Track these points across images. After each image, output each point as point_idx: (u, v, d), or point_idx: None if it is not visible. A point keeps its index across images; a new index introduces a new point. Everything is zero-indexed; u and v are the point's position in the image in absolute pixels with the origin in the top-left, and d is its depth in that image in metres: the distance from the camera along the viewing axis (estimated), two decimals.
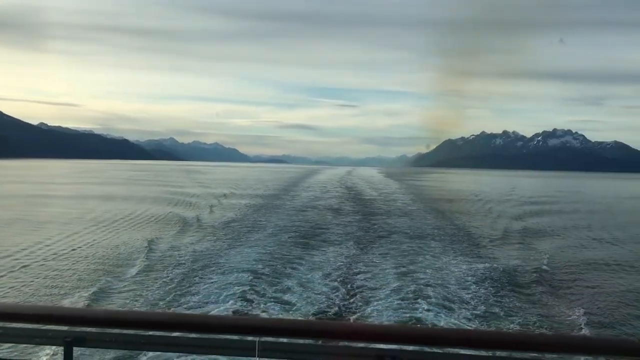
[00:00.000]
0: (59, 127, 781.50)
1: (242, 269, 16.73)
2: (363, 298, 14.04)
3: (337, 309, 12.99)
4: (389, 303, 13.34)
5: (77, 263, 17.60)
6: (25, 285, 14.58)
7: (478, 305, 13.55)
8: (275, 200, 45.79)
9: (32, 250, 19.51)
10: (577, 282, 17.17)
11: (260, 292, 14.09)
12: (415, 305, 13.05)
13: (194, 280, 15.36)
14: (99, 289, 14.22)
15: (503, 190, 76.84)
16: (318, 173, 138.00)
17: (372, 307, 13.15)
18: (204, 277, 15.81)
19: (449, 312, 12.73)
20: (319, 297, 14.02)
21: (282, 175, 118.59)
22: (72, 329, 2.91)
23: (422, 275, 16.54)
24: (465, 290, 14.98)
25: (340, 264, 18.55)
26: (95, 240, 22.30)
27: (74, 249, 20.05)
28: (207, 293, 13.99)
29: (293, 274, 16.45)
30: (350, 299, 14.00)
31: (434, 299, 13.66)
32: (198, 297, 13.63)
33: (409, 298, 13.71)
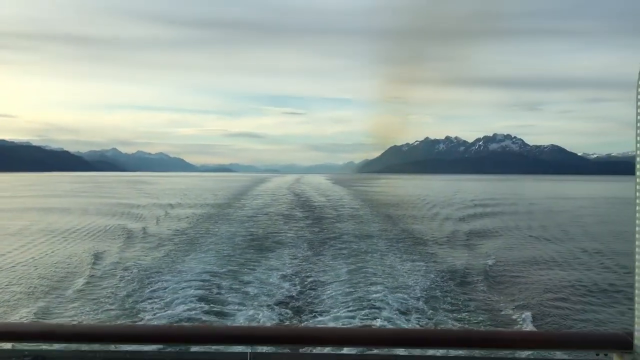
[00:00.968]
0: None
1: (194, 277, 16.64)
2: (318, 298, 14.37)
3: (294, 311, 13.20)
4: (344, 303, 13.68)
5: (20, 278, 16.99)
6: None
7: (427, 303, 14.02)
8: (226, 209, 45.49)
9: None
10: (518, 278, 18.02)
11: (212, 298, 14.08)
12: (368, 305, 13.42)
13: (145, 290, 15.16)
14: (45, 305, 13.82)
15: (447, 194, 79.05)
16: (267, 181, 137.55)
17: (326, 306, 13.48)
18: (156, 286, 15.62)
19: (400, 312, 13.10)
20: (275, 298, 14.18)
21: (230, 184, 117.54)
22: (31, 347, 2.76)
23: (372, 277, 16.97)
24: (414, 289, 15.45)
25: (294, 267, 18.98)
26: (38, 255, 21.57)
27: (14, 265, 19.33)
28: (161, 301, 13.86)
29: (247, 279, 16.51)
30: (307, 299, 14.30)
31: (386, 299, 14.05)
32: (152, 306, 13.47)
33: (362, 298, 14.08)
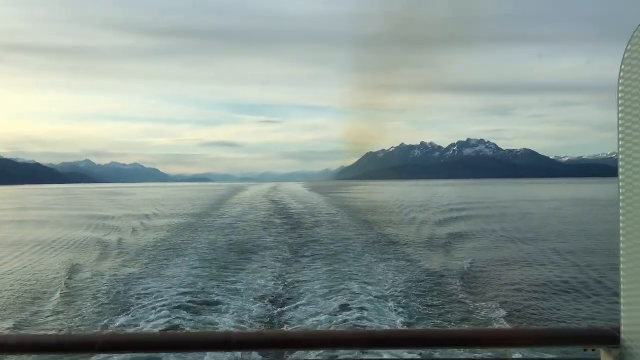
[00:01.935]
0: None
1: (175, 284, 16.62)
2: (300, 300, 14.52)
3: (277, 314, 13.33)
4: (324, 305, 13.85)
5: None
6: None
7: (407, 305, 14.27)
8: (204, 218, 45.25)
9: None
10: (495, 279, 18.38)
11: (193, 305, 14.07)
12: (349, 306, 13.62)
13: (125, 299, 15.10)
14: (24, 317, 13.66)
15: (423, 199, 79.77)
16: (244, 190, 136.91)
17: (308, 309, 13.62)
18: (135, 294, 15.56)
19: (380, 313, 13.32)
20: (257, 304, 14.26)
21: (207, 194, 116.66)
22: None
23: (352, 282, 17.12)
24: (393, 291, 15.69)
25: (275, 270, 19.20)
26: (15, 268, 21.23)
27: None
28: (140, 310, 13.82)
29: (228, 286, 16.54)
30: (289, 303, 14.45)
31: (365, 301, 14.26)
32: (131, 315, 13.44)
33: (341, 299, 14.26)
